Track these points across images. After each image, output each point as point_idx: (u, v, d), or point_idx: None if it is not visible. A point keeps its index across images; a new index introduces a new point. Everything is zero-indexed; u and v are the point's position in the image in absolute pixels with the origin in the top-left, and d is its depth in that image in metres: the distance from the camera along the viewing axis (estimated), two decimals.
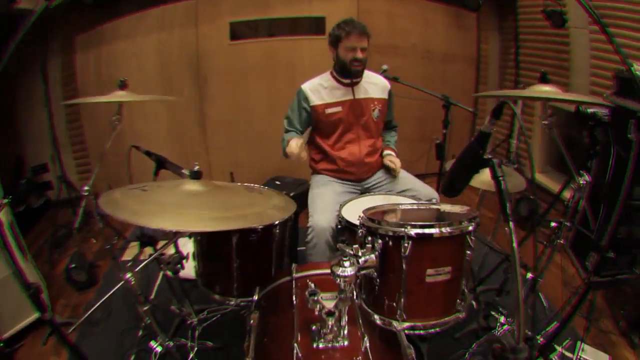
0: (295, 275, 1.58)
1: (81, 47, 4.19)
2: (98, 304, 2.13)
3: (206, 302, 2.56)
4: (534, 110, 4.12)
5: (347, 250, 1.15)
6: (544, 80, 1.75)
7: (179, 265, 1.90)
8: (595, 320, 2.33)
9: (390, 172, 2.48)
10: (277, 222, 1.81)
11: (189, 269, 2.14)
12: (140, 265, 1.60)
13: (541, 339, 2.06)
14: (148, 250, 1.96)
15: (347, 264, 1.13)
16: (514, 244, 0.94)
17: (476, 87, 4.62)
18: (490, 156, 1.06)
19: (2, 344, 2.76)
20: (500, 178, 0.97)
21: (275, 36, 4.07)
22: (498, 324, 2.11)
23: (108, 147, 2.14)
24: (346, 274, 1.12)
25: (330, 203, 2.23)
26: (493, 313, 2.21)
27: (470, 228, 1.23)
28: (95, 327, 2.94)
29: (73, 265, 3.28)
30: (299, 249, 2.32)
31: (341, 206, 2.08)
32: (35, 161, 4.46)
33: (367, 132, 2.46)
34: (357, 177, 2.48)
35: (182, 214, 1.15)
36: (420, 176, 3.92)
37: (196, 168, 1.30)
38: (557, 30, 3.50)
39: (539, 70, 3.97)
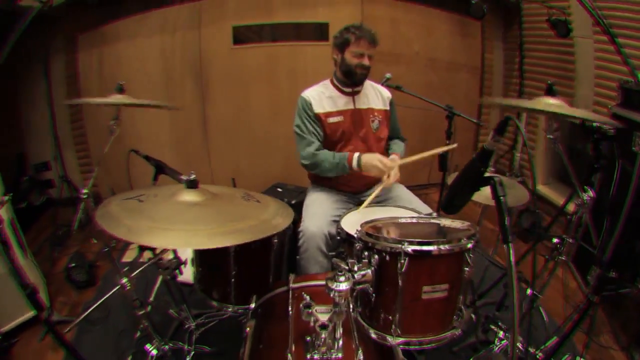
0: (292, 285, 1.58)
1: (84, 47, 4.20)
2: (96, 304, 2.15)
3: (204, 307, 2.55)
4: (537, 121, 4.06)
5: (342, 265, 1.14)
6: (550, 92, 1.71)
7: (176, 271, 1.92)
8: (595, 335, 2.29)
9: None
10: (275, 232, 1.80)
11: (188, 274, 2.16)
12: (137, 271, 1.61)
13: (540, 355, 2.03)
14: (147, 254, 1.97)
15: (342, 278, 1.11)
16: (512, 266, 0.92)
17: (480, 97, 4.58)
18: (492, 174, 1.04)
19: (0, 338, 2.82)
20: (502, 198, 0.95)
21: (278, 41, 4.05)
22: (497, 339, 2.10)
23: (106, 152, 2.13)
24: (340, 288, 1.11)
25: (324, 210, 2.21)
26: (492, 327, 2.19)
27: (469, 246, 1.21)
28: (94, 326, 2.96)
29: (73, 265, 3.33)
30: (298, 257, 2.29)
31: (341, 217, 2.04)
32: (37, 159, 4.51)
33: (365, 144, 2.36)
34: (354, 189, 2.42)
35: (176, 230, 1.16)
36: (423, 187, 3.94)
37: (192, 177, 1.29)
38: (561, 39, 3.47)
39: (544, 81, 3.93)
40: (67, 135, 4.34)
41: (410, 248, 1.18)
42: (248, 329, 1.53)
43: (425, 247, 1.19)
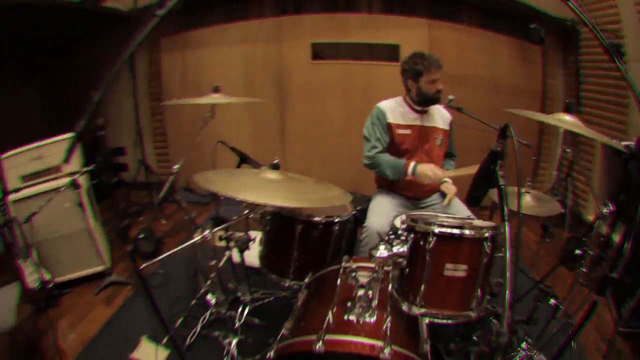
0: (344, 264, 1.86)
1: (167, 49, 4.74)
2: (180, 247, 2.42)
3: (263, 287, 2.91)
4: (595, 149, 4.01)
5: (384, 237, 1.52)
6: (568, 109, 1.98)
7: (245, 245, 2.26)
8: None
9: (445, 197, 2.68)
10: (337, 220, 2.20)
11: (254, 259, 2.51)
12: (221, 227, 2.01)
13: None
14: (219, 233, 2.30)
15: (382, 247, 1.50)
16: (507, 244, 1.26)
17: (541, 123, 4.58)
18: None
19: (51, 285, 3.25)
20: (502, 186, 1.34)
21: (353, 59, 4.38)
22: (520, 348, 2.30)
23: (198, 140, 2.60)
24: (380, 255, 1.49)
25: (386, 210, 2.58)
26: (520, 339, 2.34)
27: (487, 235, 1.53)
28: (151, 290, 3.31)
29: (142, 236, 3.78)
30: (359, 249, 2.60)
31: (394, 217, 2.36)
32: (111, 144, 4.99)
33: (429, 158, 2.72)
34: (415, 195, 2.79)
35: (261, 192, 1.60)
36: (482, 208, 4.16)
37: (276, 161, 1.77)
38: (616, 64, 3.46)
39: (601, 107, 3.94)
40: (147, 126, 4.88)
41: (437, 230, 1.52)
42: (300, 296, 1.88)
43: (449, 230, 1.53)
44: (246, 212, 2.16)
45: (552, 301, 2.25)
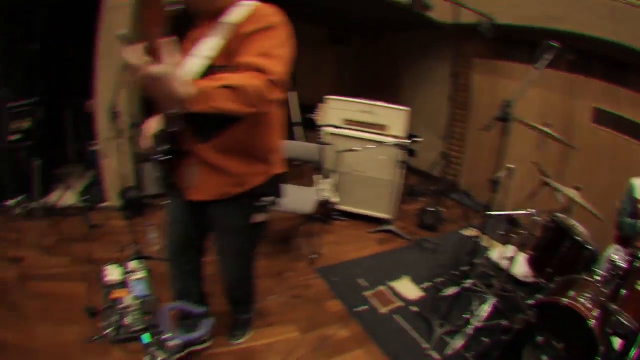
0: (585, 277, 2.82)
1: (477, 69, 5.72)
2: (508, 212, 3.17)
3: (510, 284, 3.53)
4: None
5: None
6: None
7: (525, 244, 3.16)
8: None
9: None
10: (589, 247, 3.01)
11: (522, 272, 3.43)
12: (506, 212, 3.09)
13: None
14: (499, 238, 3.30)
15: (615, 257, 2.80)
16: None
17: None
18: None
19: (333, 207, 4.08)
20: None
21: (619, 132, 4.61)
22: None
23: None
24: (612, 260, 2.76)
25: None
26: None
27: None
28: (421, 251, 4.19)
29: (432, 210, 4.83)
30: None
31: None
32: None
33: None
34: None
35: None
36: None
37: (579, 186, 2.98)
38: None
39: None
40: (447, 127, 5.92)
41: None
42: (552, 285, 2.84)
43: None
44: (537, 217, 3.13)
45: None
